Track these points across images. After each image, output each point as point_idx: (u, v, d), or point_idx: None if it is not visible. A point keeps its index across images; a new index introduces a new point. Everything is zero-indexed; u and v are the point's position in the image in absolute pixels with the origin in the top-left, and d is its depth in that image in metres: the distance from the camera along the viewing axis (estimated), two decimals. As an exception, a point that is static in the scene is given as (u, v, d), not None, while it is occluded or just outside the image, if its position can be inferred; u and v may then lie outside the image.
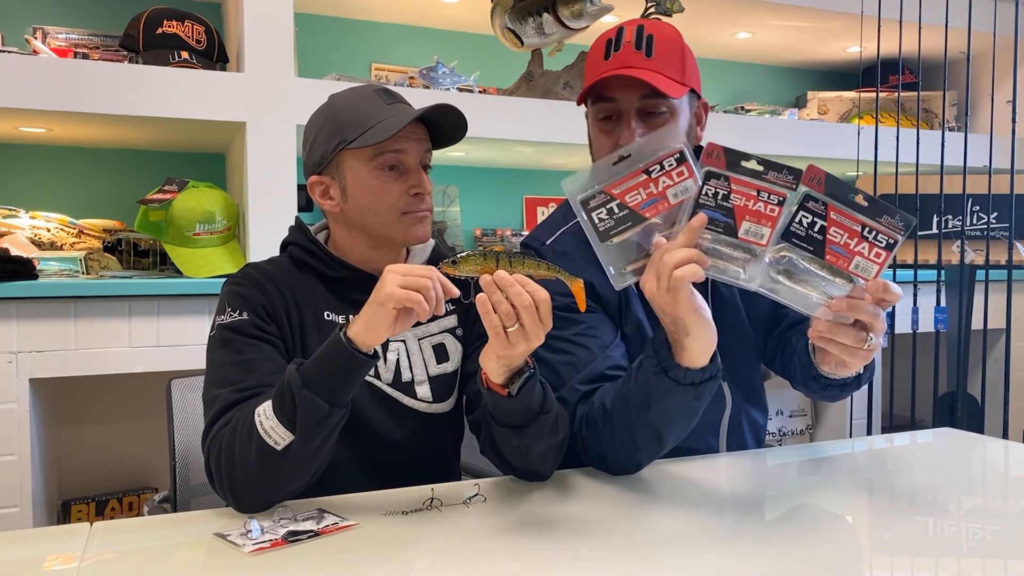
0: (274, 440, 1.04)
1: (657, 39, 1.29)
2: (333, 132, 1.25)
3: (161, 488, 2.48)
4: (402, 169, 1.24)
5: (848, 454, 1.56)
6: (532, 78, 2.67)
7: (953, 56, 2.80)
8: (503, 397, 1.09)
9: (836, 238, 1.01)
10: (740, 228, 1.03)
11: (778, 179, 1.02)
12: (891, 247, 1.01)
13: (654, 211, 1.06)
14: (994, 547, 0.99)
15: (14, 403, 1.95)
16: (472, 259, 1.03)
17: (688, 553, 0.96)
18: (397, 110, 1.24)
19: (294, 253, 1.31)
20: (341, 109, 1.26)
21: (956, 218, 2.83)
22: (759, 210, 1.02)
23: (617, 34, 1.31)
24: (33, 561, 0.97)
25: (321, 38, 2.94)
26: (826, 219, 1.01)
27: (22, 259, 2.00)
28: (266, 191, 2.24)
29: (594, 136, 1.37)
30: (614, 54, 1.29)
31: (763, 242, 1.02)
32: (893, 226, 1.01)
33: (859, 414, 3.00)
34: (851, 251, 1.01)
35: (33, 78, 2.05)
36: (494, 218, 3.18)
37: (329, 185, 1.28)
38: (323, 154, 1.26)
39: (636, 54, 1.28)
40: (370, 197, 1.24)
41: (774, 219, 1.02)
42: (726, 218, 1.03)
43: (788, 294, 1.04)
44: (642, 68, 1.27)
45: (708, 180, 1.04)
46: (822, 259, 1.02)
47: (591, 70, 1.34)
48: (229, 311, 1.21)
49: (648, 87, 1.26)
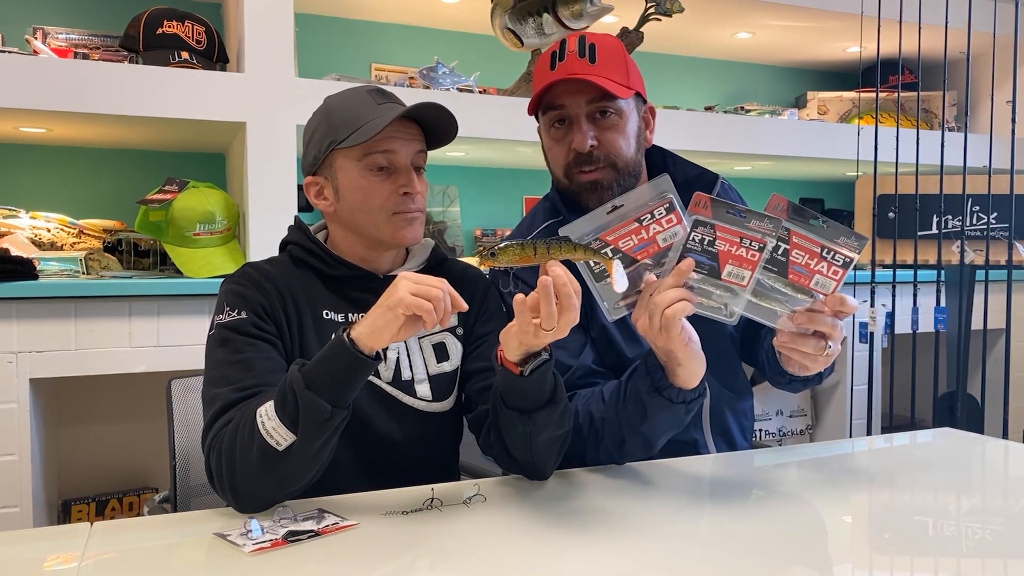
0: (276, 441, 1.05)
1: (600, 47, 1.34)
2: (325, 133, 1.26)
3: (161, 488, 2.48)
4: (392, 169, 1.25)
5: (848, 454, 1.56)
6: (532, 78, 2.67)
7: (953, 56, 2.80)
8: (516, 376, 1.11)
9: (798, 259, 1.12)
10: (723, 271, 1.13)
11: (759, 227, 1.12)
12: (847, 265, 1.12)
13: (645, 254, 1.16)
14: (994, 547, 0.99)
15: (14, 403, 1.95)
16: (511, 250, 1.07)
17: (689, 552, 0.96)
18: (387, 109, 1.24)
19: (293, 252, 1.31)
20: (335, 110, 1.27)
21: (956, 218, 2.82)
22: (741, 255, 1.13)
23: (561, 45, 1.36)
24: (33, 561, 0.97)
25: (321, 38, 2.94)
26: (789, 243, 1.12)
27: (22, 259, 2.00)
28: (266, 191, 2.25)
29: (548, 146, 1.41)
30: (559, 63, 1.34)
31: (744, 283, 1.13)
32: (849, 246, 1.11)
33: (859, 414, 3.00)
34: (811, 270, 1.12)
35: (33, 78, 2.05)
36: (494, 218, 3.18)
37: (323, 185, 1.28)
38: (316, 155, 1.27)
39: (580, 61, 1.33)
40: (360, 197, 1.24)
41: (755, 263, 1.12)
42: (711, 261, 1.14)
43: (756, 310, 1.14)
44: (587, 73, 1.31)
45: (696, 227, 1.14)
46: (785, 278, 1.13)
47: (538, 81, 1.38)
48: (228, 310, 1.21)
49: (596, 89, 1.31)
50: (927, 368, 2.76)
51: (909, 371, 2.73)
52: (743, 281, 1.13)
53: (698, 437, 1.46)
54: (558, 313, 1.02)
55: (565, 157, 1.38)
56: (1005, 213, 2.77)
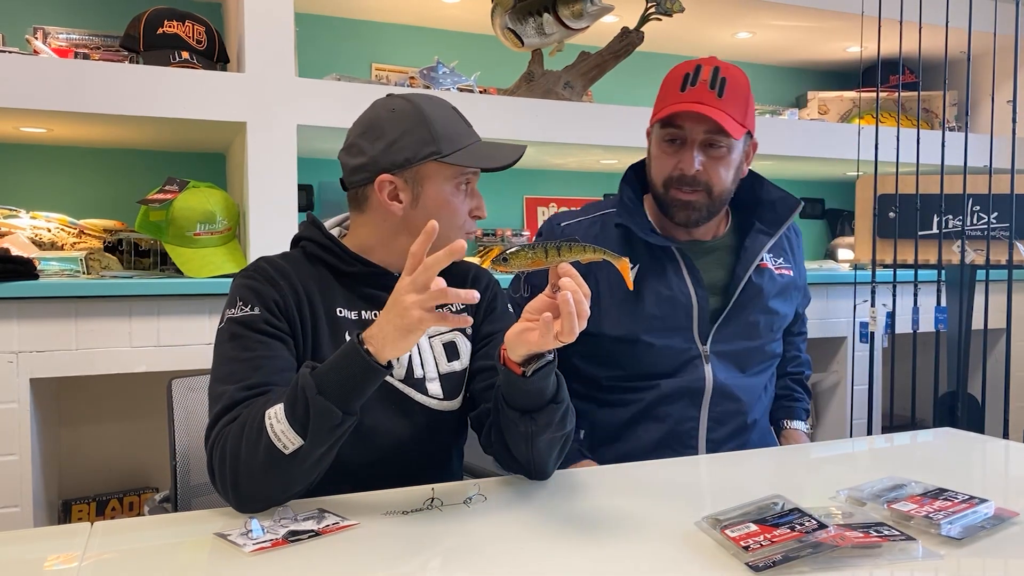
0: (283, 444, 1.04)
1: (729, 82, 1.49)
2: (427, 140, 1.24)
3: (162, 488, 2.48)
4: (469, 192, 1.29)
5: (848, 454, 1.56)
6: (532, 78, 2.67)
7: (953, 56, 2.80)
8: (518, 376, 1.11)
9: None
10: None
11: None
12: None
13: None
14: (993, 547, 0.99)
15: (14, 403, 1.95)
16: (522, 254, 1.08)
17: (689, 552, 0.96)
18: (477, 136, 1.30)
19: (308, 248, 1.30)
20: (434, 119, 1.25)
21: (956, 218, 2.82)
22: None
23: (695, 71, 1.50)
24: (34, 561, 0.97)
25: (321, 38, 2.94)
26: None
27: (23, 259, 2.00)
28: (267, 191, 2.25)
29: (656, 155, 1.57)
30: (690, 88, 1.49)
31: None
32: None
33: (859, 414, 3.00)
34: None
35: (34, 78, 2.05)
36: (494, 218, 3.18)
37: (400, 188, 1.26)
38: (409, 157, 1.24)
39: (710, 92, 1.48)
40: (445, 211, 1.26)
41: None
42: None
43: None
44: (713, 107, 1.46)
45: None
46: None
47: (666, 96, 1.54)
48: (240, 305, 1.21)
49: (715, 124, 1.46)
50: (928, 368, 2.75)
51: (909, 371, 2.73)
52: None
53: (693, 413, 1.57)
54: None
55: (669, 171, 1.54)
56: (1006, 213, 2.77)
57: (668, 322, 1.56)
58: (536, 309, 1.06)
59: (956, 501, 1.08)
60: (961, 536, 0.99)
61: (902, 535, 0.96)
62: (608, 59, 2.66)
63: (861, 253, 2.92)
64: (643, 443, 1.56)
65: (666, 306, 1.55)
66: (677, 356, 1.56)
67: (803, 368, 1.82)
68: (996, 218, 2.79)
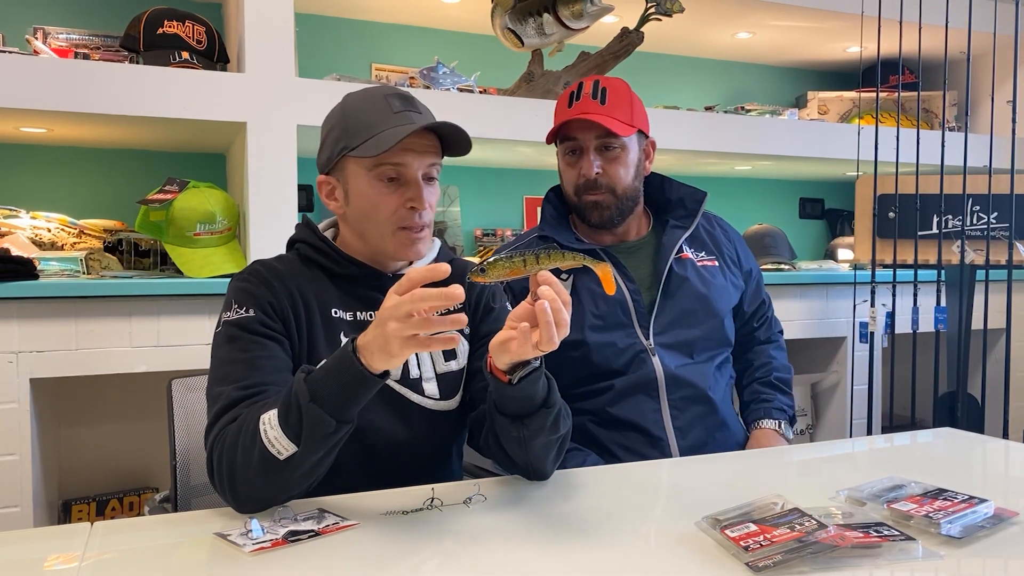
0: (277, 450, 1.04)
1: (610, 91, 1.64)
2: (340, 136, 1.25)
3: (162, 488, 2.48)
4: (401, 181, 1.23)
5: (848, 454, 1.56)
6: (532, 78, 2.67)
7: (953, 56, 2.80)
8: (505, 384, 1.10)
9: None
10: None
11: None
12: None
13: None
14: (993, 547, 0.99)
15: (15, 403, 1.96)
16: (500, 264, 1.06)
17: (689, 552, 0.96)
18: (402, 119, 1.21)
19: (302, 250, 1.30)
20: (350, 112, 1.26)
21: (956, 218, 2.82)
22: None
23: (578, 87, 1.66)
24: (34, 561, 0.97)
25: (321, 38, 2.94)
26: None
27: (23, 259, 2.00)
28: (266, 191, 2.25)
29: (563, 169, 1.72)
30: (576, 103, 1.64)
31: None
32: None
33: (859, 414, 3.00)
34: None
35: (34, 78, 2.05)
36: (494, 218, 3.19)
37: (335, 187, 1.28)
38: (329, 156, 1.27)
39: (593, 102, 1.63)
40: (367, 205, 1.24)
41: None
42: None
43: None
44: (599, 113, 1.61)
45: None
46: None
47: (558, 115, 1.69)
48: (236, 307, 1.21)
49: (603, 128, 1.61)
50: (927, 368, 2.76)
51: (909, 371, 2.73)
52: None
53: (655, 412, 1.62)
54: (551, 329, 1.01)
55: (575, 180, 1.68)
56: (1005, 213, 2.77)
57: (608, 319, 1.64)
58: (518, 317, 1.05)
59: (956, 501, 1.08)
60: (961, 536, 0.99)
61: (902, 535, 0.96)
62: (608, 59, 2.67)
63: (861, 253, 2.92)
64: (617, 442, 1.60)
65: (603, 304, 1.64)
66: (623, 353, 1.62)
67: (772, 371, 1.83)
68: (996, 218, 2.79)
